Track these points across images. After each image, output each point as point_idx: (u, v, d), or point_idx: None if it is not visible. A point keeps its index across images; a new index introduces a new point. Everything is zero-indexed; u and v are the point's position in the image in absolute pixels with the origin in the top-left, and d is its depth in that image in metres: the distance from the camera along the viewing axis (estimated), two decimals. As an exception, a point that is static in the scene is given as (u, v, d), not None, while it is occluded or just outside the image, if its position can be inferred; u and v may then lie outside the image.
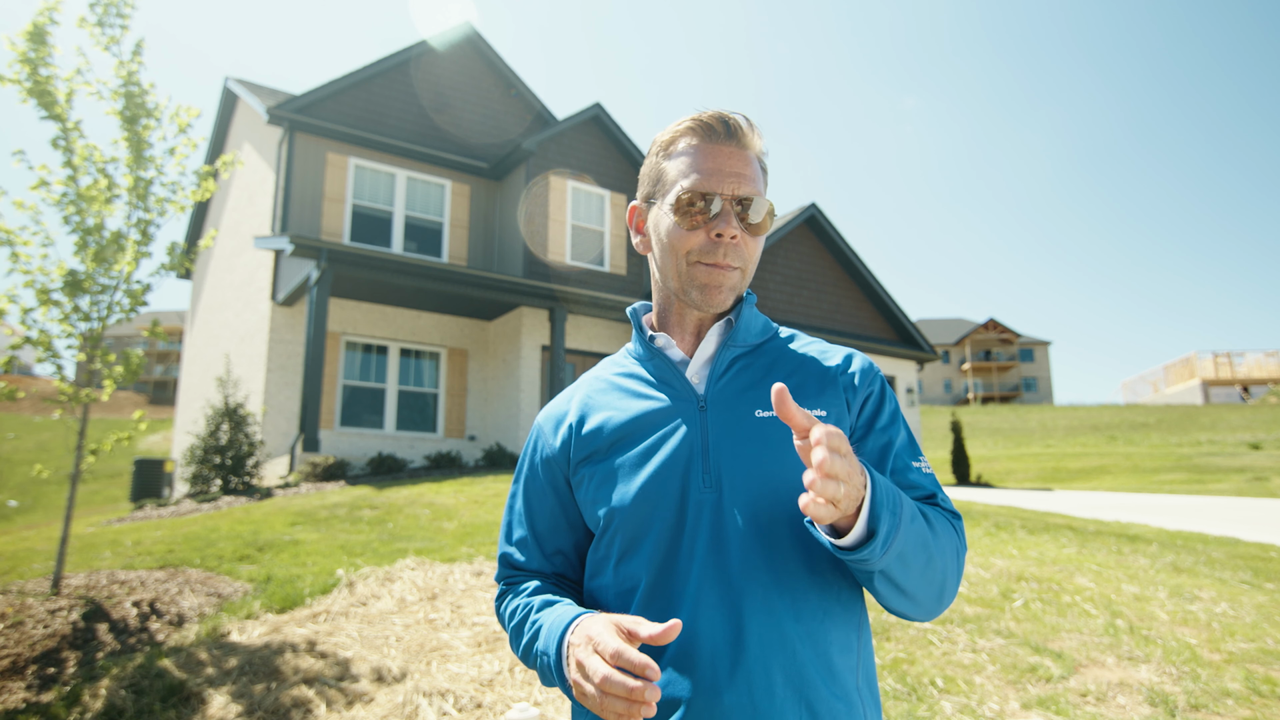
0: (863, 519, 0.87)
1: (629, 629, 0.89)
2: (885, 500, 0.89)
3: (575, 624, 0.97)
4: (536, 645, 1.03)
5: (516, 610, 1.12)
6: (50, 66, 4.73)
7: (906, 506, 0.93)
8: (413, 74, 14.70)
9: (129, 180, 4.98)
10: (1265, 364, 42.74)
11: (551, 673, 0.99)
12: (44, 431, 32.04)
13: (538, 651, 1.03)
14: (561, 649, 0.97)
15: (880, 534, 0.88)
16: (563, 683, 0.97)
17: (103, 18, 4.91)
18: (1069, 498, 12.66)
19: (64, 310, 4.78)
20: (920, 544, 0.95)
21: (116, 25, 4.97)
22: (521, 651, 1.09)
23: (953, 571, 1.02)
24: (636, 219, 1.19)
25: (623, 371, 1.18)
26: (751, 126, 1.10)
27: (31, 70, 4.64)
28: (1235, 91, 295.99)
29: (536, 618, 1.07)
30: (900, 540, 0.90)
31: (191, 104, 5.22)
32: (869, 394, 1.11)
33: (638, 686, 0.84)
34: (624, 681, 0.84)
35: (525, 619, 1.09)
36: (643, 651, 0.98)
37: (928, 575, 0.97)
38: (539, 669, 1.03)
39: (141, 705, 3.33)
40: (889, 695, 3.31)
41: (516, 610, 1.12)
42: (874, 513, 0.87)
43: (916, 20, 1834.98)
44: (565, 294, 12.61)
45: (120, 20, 4.98)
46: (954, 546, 1.03)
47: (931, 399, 60.07)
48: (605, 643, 0.88)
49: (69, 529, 4.79)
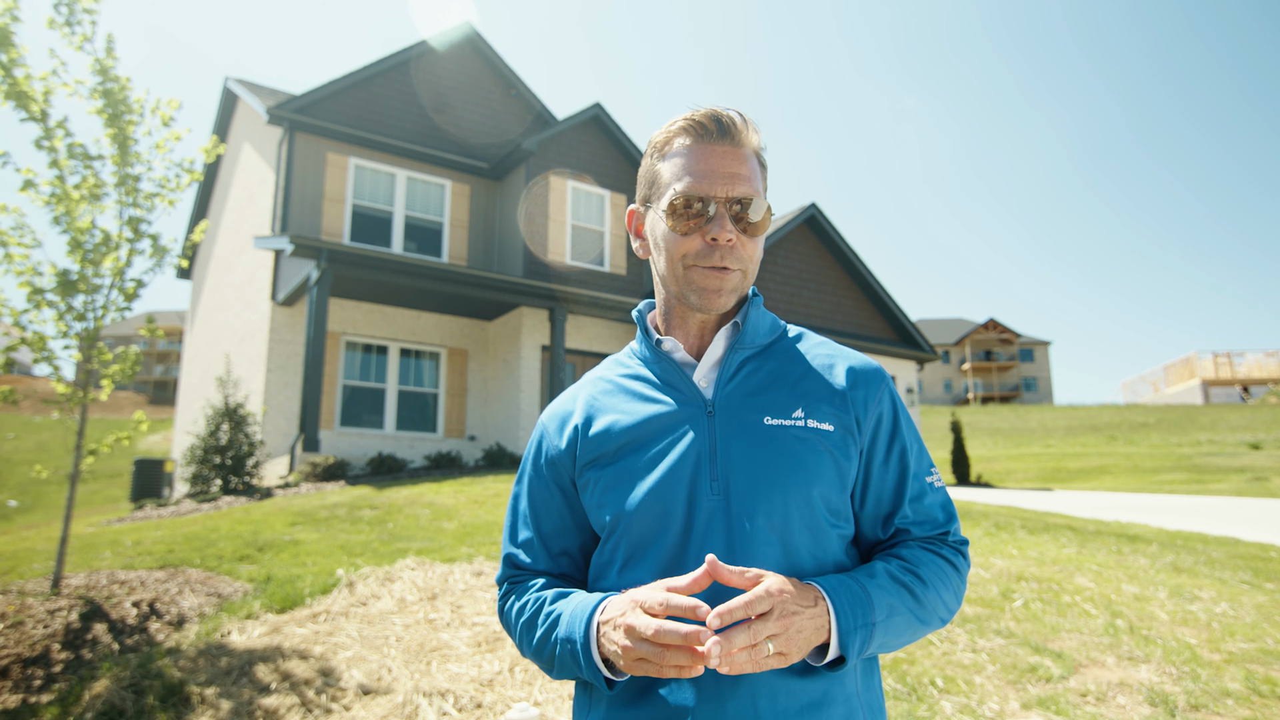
0: (833, 646, 0.92)
1: (667, 587, 0.91)
2: (851, 623, 0.93)
3: (604, 604, 0.96)
4: (557, 633, 1.01)
5: (526, 606, 1.09)
6: (24, 67, 4.69)
7: (880, 607, 0.96)
8: (413, 74, 14.70)
9: (116, 177, 4.97)
10: (1265, 364, 42.73)
11: (578, 658, 0.97)
12: (44, 431, 32.04)
13: (558, 639, 1.01)
14: (590, 630, 0.96)
15: (852, 653, 0.94)
16: (589, 668, 0.96)
17: (69, 17, 4.89)
18: (1069, 498, 12.66)
19: (58, 310, 4.77)
20: (902, 628, 1.00)
21: (86, 22, 4.95)
22: (535, 644, 1.06)
23: (945, 614, 1.06)
24: (635, 223, 1.17)
25: (629, 373, 1.16)
26: (746, 123, 1.08)
27: (5, 73, 4.60)
28: (1235, 91, 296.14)
29: (552, 608, 1.05)
30: (878, 639, 0.96)
31: (173, 96, 5.20)
32: (880, 414, 1.10)
33: (693, 630, 0.84)
34: (677, 629, 0.85)
35: (539, 611, 1.07)
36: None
37: (911, 638, 1.03)
38: (558, 657, 1.01)
39: (141, 705, 3.33)
40: (889, 695, 3.31)
41: (526, 606, 1.09)
42: (843, 640, 0.93)
43: (915, 19, 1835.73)
44: (565, 294, 12.61)
45: (88, 16, 4.96)
46: (951, 592, 1.06)
47: (931, 399, 60.06)
48: (651, 597, 0.89)
49: (69, 529, 4.79)
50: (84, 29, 4.93)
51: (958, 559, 1.09)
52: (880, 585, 0.98)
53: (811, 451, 1.03)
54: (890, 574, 1.01)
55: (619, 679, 0.97)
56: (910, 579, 1.01)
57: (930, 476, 1.11)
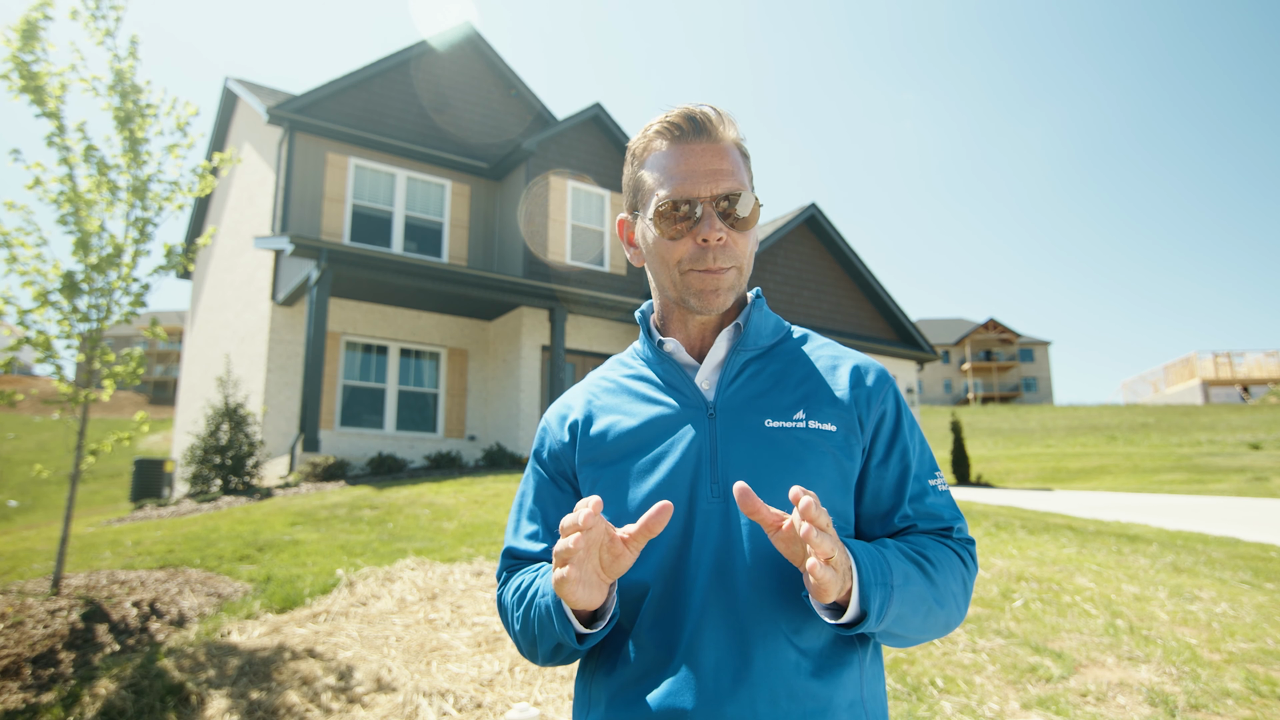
0: (854, 600, 0.90)
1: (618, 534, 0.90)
2: (873, 578, 0.91)
3: None
4: (537, 597, 1.02)
5: (521, 584, 1.09)
6: (47, 64, 4.70)
7: (897, 572, 0.94)
8: (413, 74, 14.70)
9: (127, 179, 4.96)
10: (1265, 364, 42.72)
11: (551, 613, 0.98)
12: (44, 431, 32.04)
13: (538, 602, 1.01)
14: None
15: (873, 611, 0.90)
16: (560, 618, 0.96)
17: (95, 10, 4.89)
18: (1069, 498, 12.66)
19: (63, 311, 4.77)
20: (918, 602, 0.97)
21: (110, 17, 4.95)
22: (522, 616, 1.05)
23: (958, 607, 1.03)
24: (626, 232, 1.16)
25: (631, 374, 1.16)
26: (722, 117, 1.07)
27: (23, 67, 4.60)
28: (1235, 91, 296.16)
29: (538, 578, 1.05)
30: (895, 607, 0.93)
31: (189, 100, 5.21)
32: (883, 412, 1.09)
33: (562, 546, 0.86)
34: (565, 542, 0.86)
35: (530, 583, 1.06)
36: (647, 636, 0.99)
37: (928, 623, 1.00)
38: (540, 621, 1.01)
39: (141, 705, 3.33)
40: (889, 695, 3.31)
41: (521, 584, 1.09)
42: (864, 593, 0.90)
43: (914, 16, 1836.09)
44: (565, 294, 12.61)
45: (114, 11, 4.96)
46: (960, 584, 1.03)
47: (931, 399, 60.06)
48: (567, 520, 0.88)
49: (69, 529, 4.79)
50: (107, 23, 4.93)
51: (964, 554, 1.07)
52: (894, 554, 0.97)
53: (813, 453, 1.02)
54: (899, 549, 1.00)
55: (593, 634, 0.98)
56: (919, 558, 1.00)
57: (934, 480, 1.10)
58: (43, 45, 4.69)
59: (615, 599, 0.98)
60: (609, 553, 0.89)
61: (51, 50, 4.75)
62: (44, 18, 4.67)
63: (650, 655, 0.98)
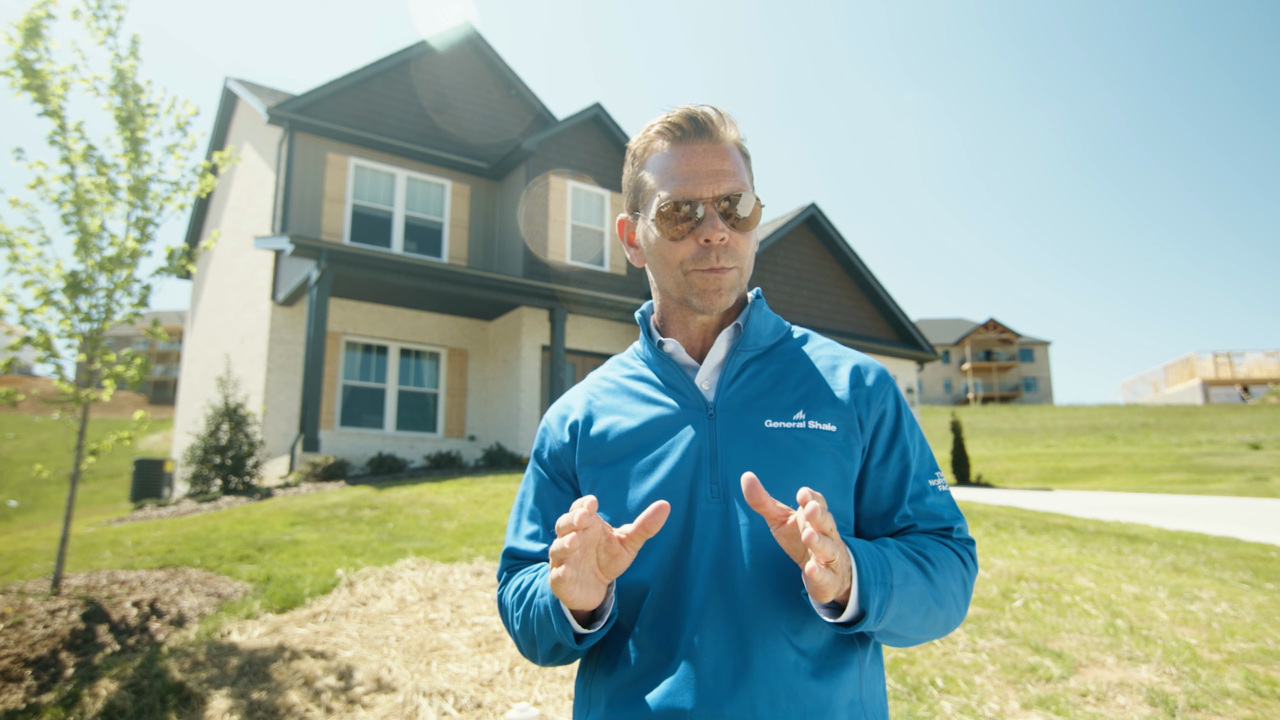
0: (853, 599, 0.90)
1: (615, 535, 0.90)
2: (873, 577, 0.91)
3: None
4: (536, 596, 1.02)
5: (521, 584, 1.09)
6: (49, 62, 4.71)
7: (897, 572, 0.94)
8: (413, 74, 14.70)
9: (127, 178, 4.97)
10: (1265, 364, 42.72)
11: (549, 613, 0.98)
12: (44, 431, 32.03)
13: (537, 601, 1.01)
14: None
15: (872, 610, 0.90)
16: (558, 617, 0.96)
17: (97, 9, 4.90)
18: (1069, 498, 12.66)
19: (65, 311, 4.77)
20: (918, 601, 0.96)
21: (112, 17, 4.95)
22: (522, 615, 1.05)
23: (958, 607, 1.03)
24: (626, 232, 1.16)
25: (631, 374, 1.16)
26: (723, 117, 1.07)
27: (26, 65, 4.61)
28: (1235, 91, 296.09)
29: (537, 578, 1.06)
30: (895, 606, 0.93)
31: (189, 99, 5.22)
32: (883, 412, 1.09)
33: (558, 545, 0.86)
34: (561, 542, 0.86)
35: (530, 583, 1.07)
36: (647, 636, 0.99)
37: (927, 623, 1.00)
38: (539, 621, 1.01)
39: (141, 706, 3.33)
40: (889, 695, 3.31)
41: (521, 584, 1.09)
42: (863, 592, 0.90)
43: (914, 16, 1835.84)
44: (565, 294, 12.61)
45: (115, 11, 4.96)
46: (960, 584, 1.03)
47: (931, 399, 60.05)
48: (563, 520, 0.88)
49: (69, 529, 4.79)
50: (109, 22, 4.93)
51: (964, 554, 1.07)
52: (894, 554, 0.97)
53: (813, 454, 1.03)
54: (899, 548, 1.00)
55: (591, 634, 0.98)
56: (919, 557, 1.00)
57: (934, 480, 1.10)
58: (45, 44, 4.70)
59: (613, 599, 0.98)
60: (606, 553, 0.89)
61: (54, 49, 4.75)
62: (47, 16, 4.68)
63: (650, 655, 0.98)
